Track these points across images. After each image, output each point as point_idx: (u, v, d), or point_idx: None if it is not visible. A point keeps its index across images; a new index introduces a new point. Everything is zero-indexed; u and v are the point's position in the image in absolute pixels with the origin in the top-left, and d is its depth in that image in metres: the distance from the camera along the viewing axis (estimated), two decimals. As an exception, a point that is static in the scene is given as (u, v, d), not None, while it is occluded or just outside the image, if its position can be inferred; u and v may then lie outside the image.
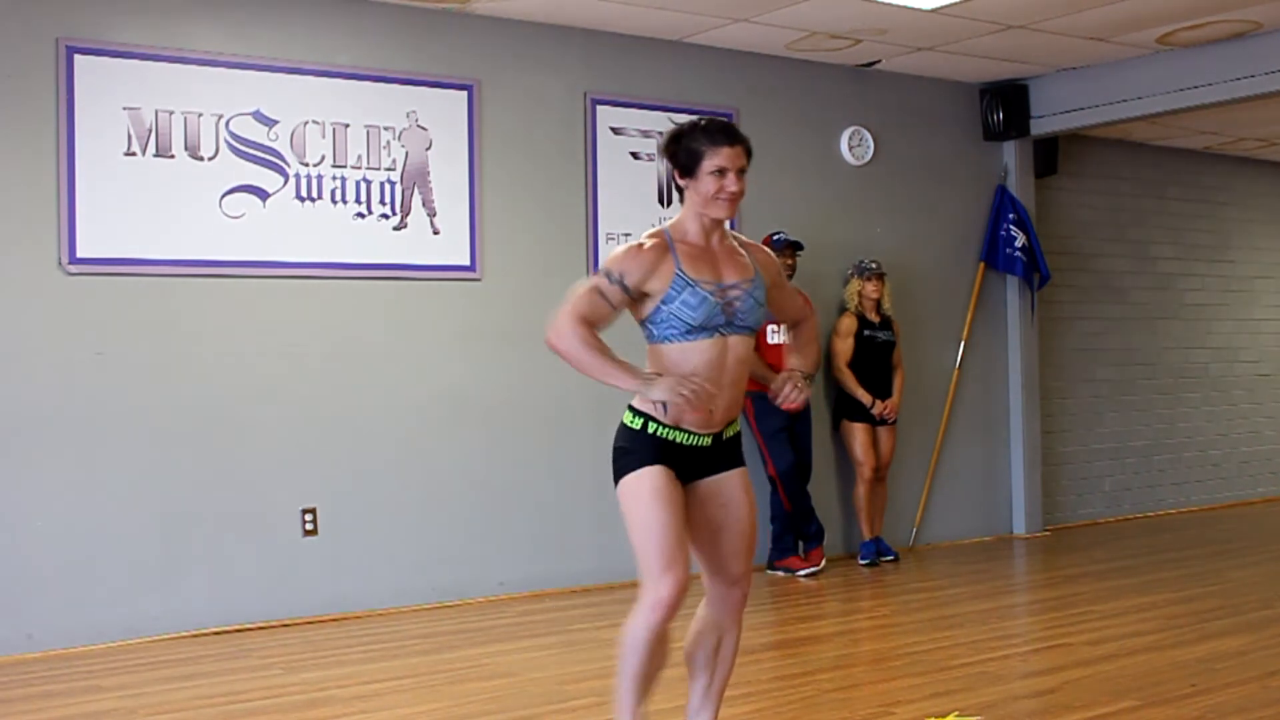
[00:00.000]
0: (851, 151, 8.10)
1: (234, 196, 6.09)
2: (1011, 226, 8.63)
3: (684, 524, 3.32)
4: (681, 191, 3.40)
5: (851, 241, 8.02)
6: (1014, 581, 7.47)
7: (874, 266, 7.72)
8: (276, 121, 6.20)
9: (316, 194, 6.30)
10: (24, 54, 5.64)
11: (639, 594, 3.30)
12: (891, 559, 7.80)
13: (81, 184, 5.72)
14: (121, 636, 5.77)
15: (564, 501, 6.91)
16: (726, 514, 3.40)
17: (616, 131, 7.14)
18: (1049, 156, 9.10)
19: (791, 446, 7.29)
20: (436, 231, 6.61)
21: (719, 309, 3.28)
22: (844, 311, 7.78)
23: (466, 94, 6.72)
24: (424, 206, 6.58)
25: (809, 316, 3.68)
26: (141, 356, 5.87)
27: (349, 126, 6.40)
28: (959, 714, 4.25)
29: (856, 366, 7.70)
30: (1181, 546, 8.40)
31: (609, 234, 7.09)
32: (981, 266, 8.67)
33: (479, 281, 6.74)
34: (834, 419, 7.84)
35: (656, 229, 3.39)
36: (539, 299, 6.85)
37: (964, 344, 8.59)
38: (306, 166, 6.27)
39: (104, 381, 5.78)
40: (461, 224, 6.68)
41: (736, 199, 3.34)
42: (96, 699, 4.80)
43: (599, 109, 7.12)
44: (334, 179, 6.34)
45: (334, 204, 6.35)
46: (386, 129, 6.49)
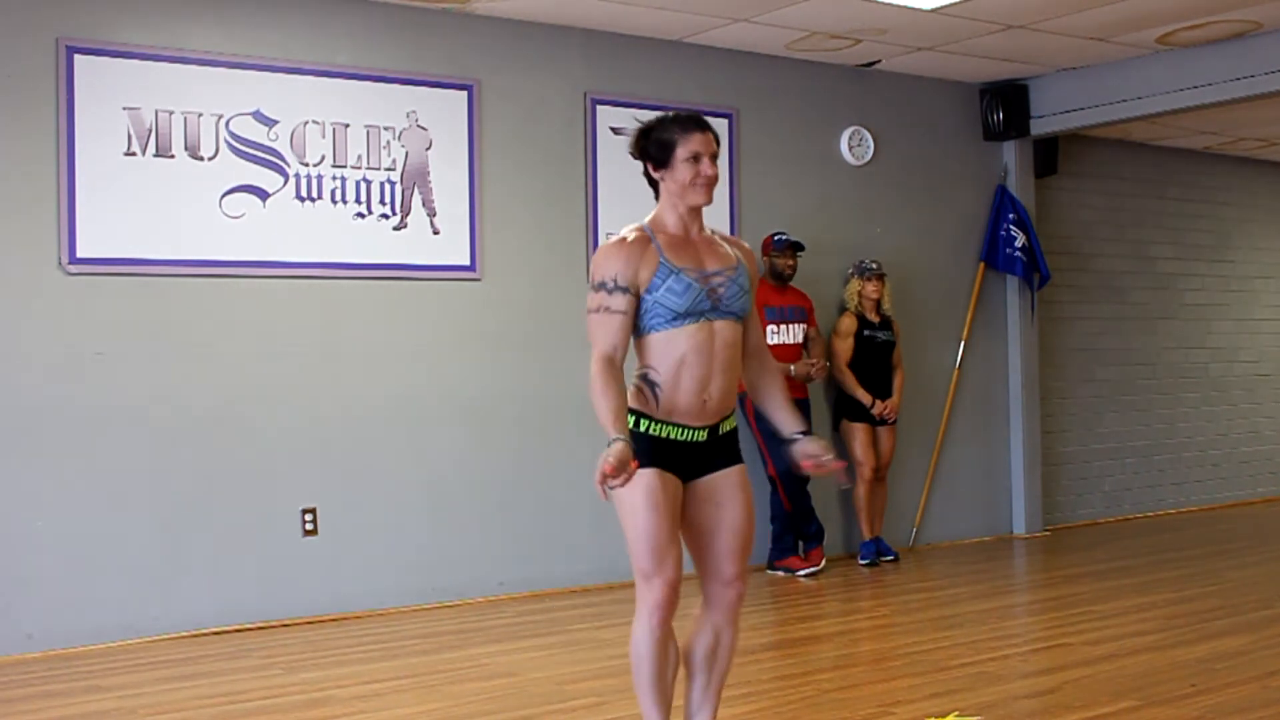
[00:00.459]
0: (851, 151, 8.10)
1: (234, 196, 6.09)
2: (1011, 226, 8.63)
3: (676, 524, 3.33)
4: (656, 187, 3.41)
5: (851, 241, 8.02)
6: (1014, 581, 7.47)
7: (874, 266, 7.72)
8: (276, 121, 6.20)
9: (316, 194, 6.30)
10: (24, 54, 5.64)
11: (636, 601, 3.33)
12: (891, 559, 7.80)
13: (81, 184, 5.72)
14: (121, 636, 5.77)
15: (564, 501, 6.91)
16: (721, 514, 3.40)
17: (616, 131, 7.14)
18: (1049, 156, 9.09)
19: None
20: (436, 231, 6.61)
21: (704, 294, 3.29)
22: (844, 311, 7.78)
23: (466, 94, 6.72)
24: (424, 206, 6.58)
25: (766, 348, 3.58)
26: (141, 356, 5.87)
27: (349, 126, 6.40)
28: (959, 714, 4.25)
29: (856, 366, 7.70)
30: (1181, 546, 8.40)
31: (609, 234, 7.07)
32: (981, 266, 8.67)
33: (479, 281, 6.74)
34: (834, 419, 7.83)
35: (635, 225, 3.41)
36: (539, 299, 6.88)
37: (964, 344, 8.58)
38: (306, 166, 6.27)
39: (104, 381, 5.78)
40: (461, 224, 6.68)
41: (713, 183, 3.37)
42: (96, 699, 4.80)
43: (599, 109, 7.12)
44: (334, 179, 6.34)
45: (334, 204, 6.35)
46: (386, 129, 6.49)
